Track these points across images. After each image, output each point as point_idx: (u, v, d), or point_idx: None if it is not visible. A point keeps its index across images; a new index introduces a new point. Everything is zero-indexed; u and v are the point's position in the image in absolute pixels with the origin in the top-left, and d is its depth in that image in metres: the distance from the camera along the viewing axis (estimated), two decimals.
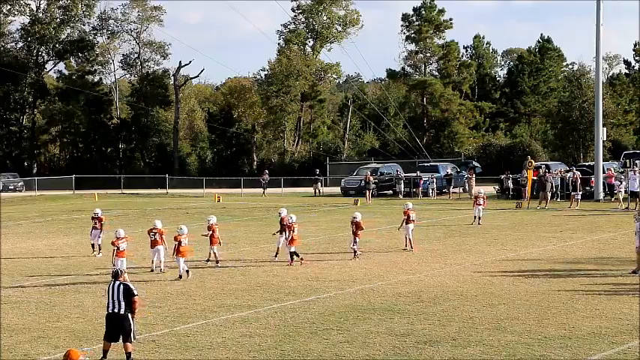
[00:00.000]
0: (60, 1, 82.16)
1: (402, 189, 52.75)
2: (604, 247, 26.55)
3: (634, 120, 77.53)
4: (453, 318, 17.61)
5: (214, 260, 25.68)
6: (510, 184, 48.38)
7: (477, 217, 35.44)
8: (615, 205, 41.79)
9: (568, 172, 46.94)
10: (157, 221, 25.54)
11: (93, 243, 28.81)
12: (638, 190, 40.51)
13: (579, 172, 45.16)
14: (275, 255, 26.52)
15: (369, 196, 50.18)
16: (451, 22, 78.94)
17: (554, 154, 70.59)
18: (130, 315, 15.08)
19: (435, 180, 52.67)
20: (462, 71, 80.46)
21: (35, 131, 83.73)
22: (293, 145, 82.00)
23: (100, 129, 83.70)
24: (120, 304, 14.99)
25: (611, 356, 14.66)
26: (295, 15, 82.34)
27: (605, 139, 52.03)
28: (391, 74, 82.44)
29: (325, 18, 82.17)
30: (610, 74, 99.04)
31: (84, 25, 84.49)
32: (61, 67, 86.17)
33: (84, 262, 26.95)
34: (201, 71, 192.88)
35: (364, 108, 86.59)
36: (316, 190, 57.36)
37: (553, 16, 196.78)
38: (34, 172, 78.84)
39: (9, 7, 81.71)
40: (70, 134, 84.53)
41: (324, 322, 17.55)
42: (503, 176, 49.72)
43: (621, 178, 43.60)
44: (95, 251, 28.52)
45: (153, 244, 24.64)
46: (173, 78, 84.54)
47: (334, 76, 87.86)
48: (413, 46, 79.71)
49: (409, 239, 28.13)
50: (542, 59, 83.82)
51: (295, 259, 25.37)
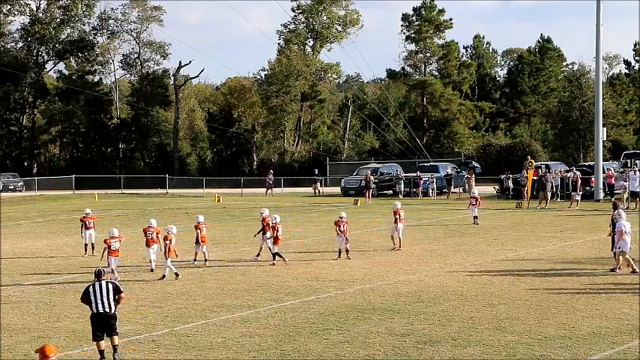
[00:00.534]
0: (60, 1, 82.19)
1: (402, 189, 52.75)
2: (604, 247, 26.52)
3: (634, 120, 77.54)
4: (453, 318, 17.61)
5: (203, 260, 25.79)
6: (510, 184, 48.38)
7: (475, 217, 35.55)
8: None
9: (568, 172, 46.96)
10: (152, 220, 25.67)
11: (86, 243, 28.76)
12: (638, 190, 40.50)
13: (579, 172, 45.17)
14: (257, 255, 26.60)
15: (369, 196, 50.18)
16: (451, 22, 79.06)
17: (554, 154, 70.60)
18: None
19: (435, 180, 52.68)
20: (462, 71, 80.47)
21: (35, 131, 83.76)
22: (293, 145, 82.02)
23: (100, 129, 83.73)
24: (110, 303, 15.06)
25: (611, 356, 14.66)
26: (295, 15, 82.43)
27: (605, 139, 52.02)
28: (391, 74, 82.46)
29: (325, 18, 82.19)
30: (610, 74, 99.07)
31: (84, 25, 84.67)
32: (61, 67, 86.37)
33: (84, 262, 26.94)
34: (201, 71, 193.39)
35: (364, 108, 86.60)
36: (316, 191, 57.37)
37: (553, 16, 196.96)
38: (34, 172, 78.87)
39: (9, 7, 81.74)
40: (70, 134, 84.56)
41: (324, 322, 17.55)
42: (503, 176, 49.72)
43: (626, 178, 43.50)
44: (88, 252, 28.52)
45: (150, 242, 24.71)
46: (173, 78, 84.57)
47: (334, 76, 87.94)
48: (413, 46, 79.80)
49: (399, 238, 28.34)
50: (542, 59, 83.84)
51: (278, 259, 25.48)
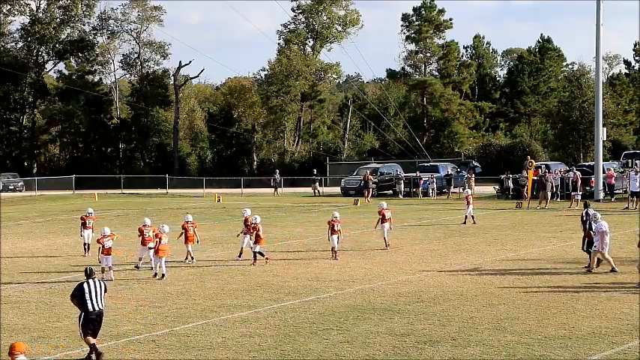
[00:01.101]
0: (60, 1, 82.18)
1: (402, 189, 52.76)
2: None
3: (634, 120, 77.53)
4: (453, 318, 17.61)
5: (190, 257, 26.12)
6: (510, 184, 48.38)
7: (471, 217, 35.70)
8: (616, 206, 41.80)
9: (568, 172, 46.96)
10: (146, 219, 26.00)
11: (86, 243, 28.88)
12: (638, 190, 40.49)
13: (579, 172, 45.16)
14: (239, 255, 26.70)
15: (368, 196, 50.26)
16: (451, 22, 79.04)
17: (554, 154, 70.59)
18: None
19: (435, 180, 52.67)
20: (462, 71, 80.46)
21: (35, 131, 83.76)
22: (293, 145, 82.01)
23: (100, 129, 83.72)
24: (103, 300, 15.47)
25: (611, 356, 14.66)
26: (295, 15, 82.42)
27: (605, 139, 52.02)
28: (391, 74, 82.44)
29: (325, 18, 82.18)
30: (610, 74, 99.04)
31: (84, 25, 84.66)
32: (61, 67, 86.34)
33: (84, 262, 26.91)
34: (201, 71, 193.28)
35: (364, 108, 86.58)
36: (315, 191, 57.36)
37: (553, 16, 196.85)
38: (34, 172, 78.87)
39: (9, 7, 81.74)
40: (70, 134, 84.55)
41: (324, 322, 17.55)
42: (503, 176, 49.72)
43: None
44: (86, 252, 28.66)
45: (146, 241, 24.93)
46: (173, 78, 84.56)
47: (334, 76, 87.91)
48: (413, 46, 79.79)
49: (385, 238, 28.49)
50: (542, 59, 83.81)
51: (260, 258, 25.63)
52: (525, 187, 45.01)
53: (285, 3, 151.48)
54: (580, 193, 42.85)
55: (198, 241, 26.66)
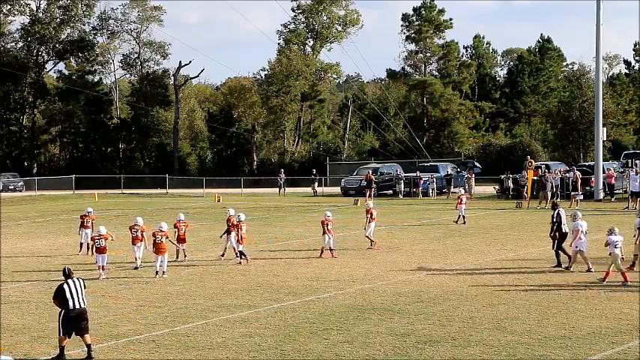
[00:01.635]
0: (60, 1, 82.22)
1: (402, 189, 52.78)
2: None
3: (634, 120, 77.55)
4: (453, 318, 17.61)
5: (182, 256, 26.42)
6: (510, 184, 48.38)
7: (463, 217, 35.83)
8: (616, 205, 41.81)
9: (568, 172, 46.96)
10: (138, 218, 26.18)
11: (81, 242, 29.09)
12: (638, 190, 40.48)
13: (579, 172, 45.14)
14: (222, 255, 26.82)
15: (370, 196, 50.31)
16: (451, 22, 79.07)
17: (554, 154, 70.59)
18: None
19: (435, 180, 52.68)
20: (462, 71, 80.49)
21: (35, 131, 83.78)
22: (293, 145, 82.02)
23: (100, 129, 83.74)
24: (84, 299, 15.50)
25: (611, 356, 14.66)
26: (295, 15, 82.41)
27: (605, 139, 52.02)
28: (391, 74, 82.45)
29: (325, 18, 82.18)
30: (610, 74, 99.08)
31: (84, 25, 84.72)
32: (61, 67, 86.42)
33: (84, 262, 26.93)
34: (201, 71, 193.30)
35: (364, 108, 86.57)
36: (314, 191, 57.36)
37: (553, 16, 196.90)
38: (34, 172, 78.89)
39: (9, 7, 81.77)
40: (70, 134, 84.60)
41: (324, 322, 17.55)
42: (503, 176, 49.72)
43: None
44: (82, 251, 28.87)
45: (134, 240, 25.32)
46: (173, 78, 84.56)
47: (334, 76, 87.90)
48: (413, 46, 79.84)
49: (367, 237, 28.70)
50: (542, 59, 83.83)
51: (242, 258, 25.76)
52: (525, 187, 45.01)
53: (285, 3, 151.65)
54: (580, 193, 42.85)
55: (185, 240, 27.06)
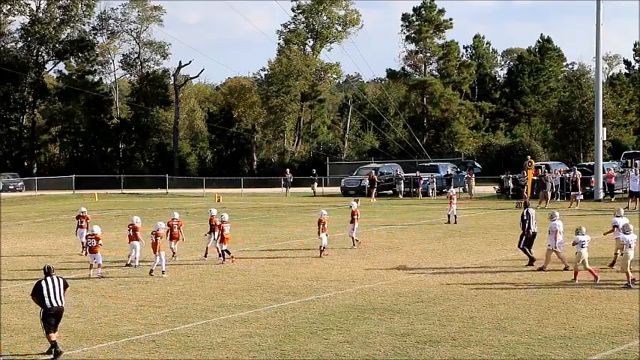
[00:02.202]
0: (60, 1, 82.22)
1: (402, 189, 52.80)
2: (604, 247, 26.52)
3: (634, 120, 77.54)
4: (453, 318, 17.61)
5: (172, 255, 26.58)
6: (510, 184, 48.38)
7: (454, 216, 36.04)
8: (616, 205, 41.76)
9: (568, 172, 46.95)
10: (135, 217, 26.36)
11: (82, 241, 29.21)
12: (638, 190, 40.46)
13: (580, 172, 45.12)
14: (205, 255, 26.92)
15: (374, 195, 50.54)
16: (451, 22, 79.09)
17: (554, 154, 70.59)
18: None
19: (435, 180, 52.67)
20: (462, 71, 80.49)
21: (35, 131, 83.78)
22: (293, 145, 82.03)
23: (100, 129, 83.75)
24: (62, 297, 15.62)
25: (611, 356, 14.66)
26: (295, 15, 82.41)
27: (605, 139, 52.03)
28: (391, 74, 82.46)
29: (325, 18, 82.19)
30: (610, 74, 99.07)
31: (84, 25, 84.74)
32: (61, 67, 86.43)
33: (84, 262, 26.93)
34: (201, 71, 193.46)
35: (364, 108, 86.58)
36: (314, 190, 57.37)
37: (553, 16, 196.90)
38: (34, 172, 78.89)
39: (9, 7, 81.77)
40: (70, 134, 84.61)
41: (324, 322, 17.55)
42: (503, 176, 49.72)
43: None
44: (84, 250, 28.96)
45: (130, 239, 25.67)
46: (173, 78, 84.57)
47: (334, 76, 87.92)
48: (413, 46, 79.86)
49: (351, 237, 28.75)
50: (542, 59, 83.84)
51: (227, 256, 25.89)
52: (525, 187, 45.00)
53: (285, 3, 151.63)
54: (580, 193, 42.85)
55: (183, 239, 27.10)
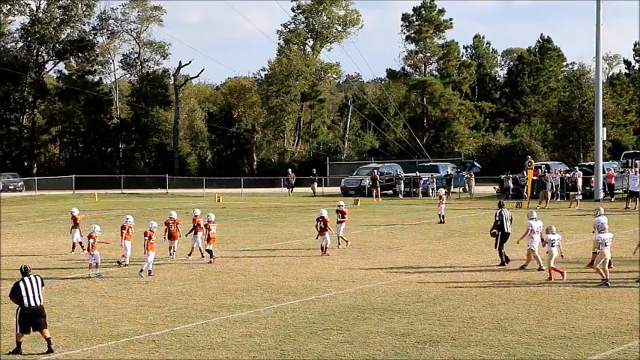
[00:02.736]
0: (60, 1, 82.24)
1: (402, 189, 52.81)
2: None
3: (634, 120, 77.54)
4: (453, 318, 17.62)
5: (171, 253, 26.98)
6: (510, 184, 48.37)
7: (442, 216, 36.22)
8: (616, 205, 41.79)
9: (568, 172, 46.93)
10: (128, 216, 26.67)
11: (79, 241, 29.44)
12: (638, 190, 40.47)
13: (581, 172, 45.10)
14: (189, 254, 27.06)
15: (377, 195, 50.66)
16: (451, 22, 79.09)
17: (554, 154, 70.58)
18: None
19: (435, 180, 52.67)
20: (462, 71, 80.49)
21: (35, 131, 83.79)
22: (293, 145, 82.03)
23: (100, 129, 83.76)
24: (40, 296, 15.79)
25: (611, 356, 14.66)
26: (295, 15, 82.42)
27: (605, 139, 52.03)
28: (391, 74, 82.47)
29: (325, 18, 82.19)
30: (610, 74, 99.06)
31: (84, 25, 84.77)
32: (61, 67, 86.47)
33: (83, 262, 26.93)
34: (201, 71, 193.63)
35: (364, 108, 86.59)
36: (314, 190, 57.37)
37: (553, 16, 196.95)
38: (34, 172, 78.91)
39: (9, 7, 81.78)
40: (70, 134, 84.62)
41: (324, 322, 17.55)
42: (503, 176, 49.72)
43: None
44: (77, 250, 29.29)
45: (122, 238, 25.86)
46: (173, 78, 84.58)
47: (334, 76, 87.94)
48: (413, 46, 79.86)
49: (339, 237, 28.83)
50: (542, 59, 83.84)
51: (210, 257, 26.06)
52: (525, 187, 44.98)
53: (285, 3, 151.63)
54: (580, 193, 42.85)
55: (180, 236, 27.46)
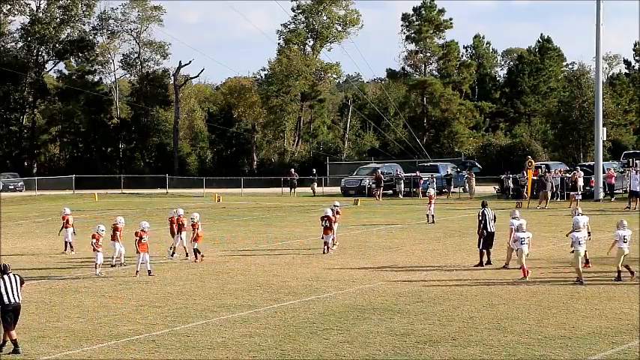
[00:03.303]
0: (60, 1, 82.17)
1: (402, 189, 52.82)
2: (604, 247, 26.52)
3: (634, 120, 77.55)
4: (453, 318, 17.62)
5: (170, 251, 27.25)
6: (510, 184, 48.36)
7: (432, 216, 36.34)
8: (616, 205, 41.80)
9: (568, 172, 46.93)
10: (118, 217, 26.89)
11: (67, 241, 29.58)
12: (638, 190, 40.46)
13: (582, 172, 45.11)
14: (171, 254, 27.18)
15: (379, 195, 50.75)
16: (451, 22, 79.05)
17: (554, 154, 70.57)
18: None
19: (435, 180, 52.64)
20: (462, 71, 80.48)
21: (35, 131, 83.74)
22: (293, 145, 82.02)
23: (100, 129, 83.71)
24: (19, 294, 15.89)
25: (611, 356, 14.67)
26: (295, 15, 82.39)
27: (605, 139, 52.02)
28: (391, 74, 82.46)
29: (325, 18, 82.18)
30: (610, 74, 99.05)
31: (84, 25, 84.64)
32: (61, 67, 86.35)
33: (84, 262, 26.95)
34: (201, 71, 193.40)
35: (364, 108, 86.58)
36: (313, 190, 57.36)
37: (553, 16, 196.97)
38: (34, 172, 78.87)
39: (9, 6, 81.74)
40: (70, 134, 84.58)
41: (324, 322, 17.55)
42: (503, 176, 49.72)
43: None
44: (68, 250, 29.40)
45: (112, 239, 25.97)
46: (173, 78, 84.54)
47: (334, 76, 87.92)
48: (413, 46, 79.82)
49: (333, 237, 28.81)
50: (542, 59, 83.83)
51: (196, 256, 26.20)
52: (525, 187, 44.99)
53: (285, 3, 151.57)
54: (580, 192, 42.86)
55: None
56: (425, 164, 59.66)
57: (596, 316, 17.56)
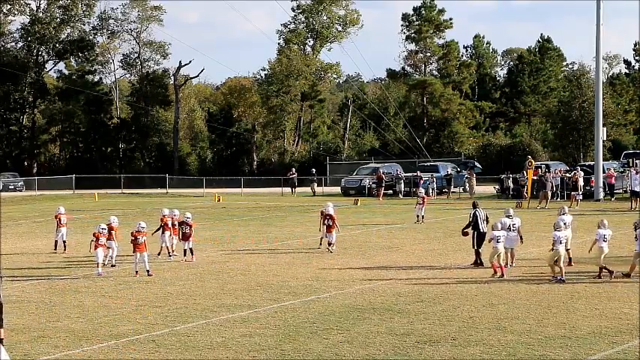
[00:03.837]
0: (60, 1, 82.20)
1: (402, 189, 52.83)
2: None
3: (634, 120, 77.59)
4: (453, 318, 17.61)
5: (167, 252, 27.23)
6: (510, 183, 48.37)
7: (421, 217, 36.47)
8: (616, 205, 41.79)
9: (568, 172, 46.93)
10: (111, 217, 26.96)
11: (56, 240, 29.65)
12: (638, 190, 40.44)
13: (582, 172, 45.10)
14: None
15: (381, 195, 50.76)
16: (451, 22, 79.13)
17: (554, 154, 70.61)
18: None
19: (435, 180, 52.67)
20: (462, 71, 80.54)
21: (35, 131, 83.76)
22: (293, 145, 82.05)
23: (100, 129, 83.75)
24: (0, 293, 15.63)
25: (611, 356, 14.66)
26: (295, 15, 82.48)
27: (605, 139, 52.04)
28: (391, 74, 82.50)
29: (325, 18, 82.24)
30: (610, 74, 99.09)
31: (84, 25, 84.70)
32: (61, 66, 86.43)
33: (84, 262, 26.95)
34: (201, 71, 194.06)
35: (364, 108, 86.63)
36: (313, 190, 57.36)
37: (553, 16, 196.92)
38: (34, 172, 78.89)
39: (9, 6, 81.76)
40: (70, 134, 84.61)
41: (324, 322, 17.54)
42: (503, 176, 49.73)
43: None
44: (59, 249, 29.50)
45: (106, 239, 25.70)
46: (173, 78, 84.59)
47: (334, 76, 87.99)
48: (413, 46, 79.89)
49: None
50: (542, 59, 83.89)
51: (189, 256, 26.32)
52: (525, 187, 45.00)
53: (285, 3, 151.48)
54: (580, 192, 42.85)
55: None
56: (425, 164, 59.68)
57: (596, 316, 17.55)
